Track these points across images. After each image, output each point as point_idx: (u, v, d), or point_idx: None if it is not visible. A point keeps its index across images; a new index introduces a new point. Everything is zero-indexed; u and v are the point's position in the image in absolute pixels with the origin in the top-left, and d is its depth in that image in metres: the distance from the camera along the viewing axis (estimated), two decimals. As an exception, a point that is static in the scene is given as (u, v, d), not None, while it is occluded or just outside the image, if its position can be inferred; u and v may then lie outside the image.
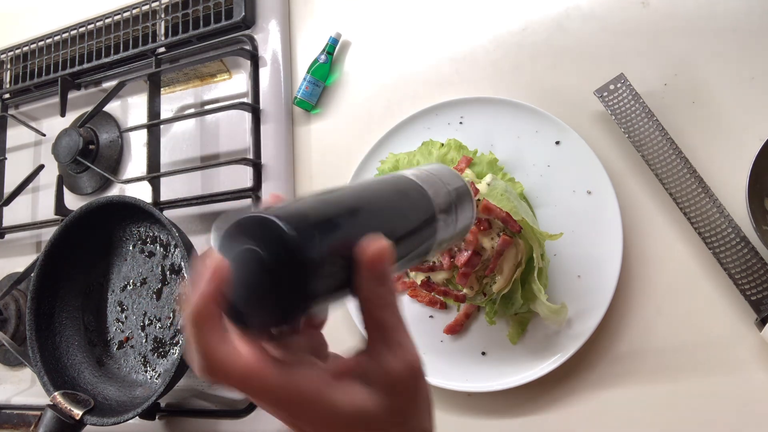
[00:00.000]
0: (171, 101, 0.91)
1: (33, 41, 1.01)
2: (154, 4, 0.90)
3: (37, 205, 1.00)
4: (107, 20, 0.94)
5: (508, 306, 0.60)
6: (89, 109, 0.92)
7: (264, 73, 0.82)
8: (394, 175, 0.39)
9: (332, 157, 0.78)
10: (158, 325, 0.77)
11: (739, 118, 0.60)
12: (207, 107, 0.87)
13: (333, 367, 0.32)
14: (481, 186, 0.58)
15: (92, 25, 0.95)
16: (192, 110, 0.89)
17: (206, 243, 0.76)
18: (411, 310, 0.68)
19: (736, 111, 0.60)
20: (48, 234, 0.95)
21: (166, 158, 0.88)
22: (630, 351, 0.60)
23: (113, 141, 0.93)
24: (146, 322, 0.78)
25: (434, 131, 0.70)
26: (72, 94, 0.96)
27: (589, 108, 0.66)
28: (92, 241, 0.81)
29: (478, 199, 0.57)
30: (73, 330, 0.80)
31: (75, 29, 0.97)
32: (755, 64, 0.60)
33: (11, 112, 1.03)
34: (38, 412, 0.85)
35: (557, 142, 0.65)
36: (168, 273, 0.78)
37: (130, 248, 0.81)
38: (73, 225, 0.77)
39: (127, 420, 0.68)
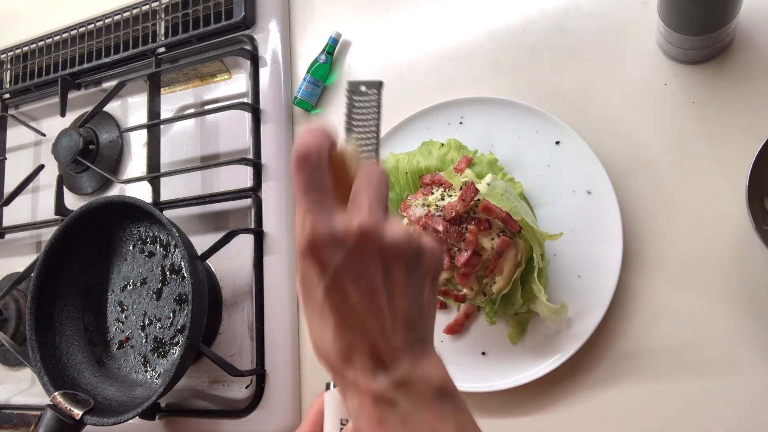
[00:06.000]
0: (171, 101, 0.91)
1: (33, 41, 1.01)
2: (154, 4, 0.90)
3: (37, 205, 1.00)
4: (107, 20, 0.94)
5: (508, 306, 0.60)
6: (89, 109, 0.92)
7: (264, 73, 0.82)
8: None
9: (332, 157, 0.78)
10: (158, 325, 0.77)
11: (740, 117, 0.60)
12: (207, 107, 0.87)
13: None
14: (481, 186, 0.58)
15: (92, 25, 0.95)
16: (192, 110, 0.89)
17: (205, 243, 0.76)
18: (411, 310, 0.68)
19: (736, 111, 0.60)
20: (48, 234, 0.95)
21: (166, 158, 0.88)
22: (630, 351, 0.60)
23: (113, 141, 0.93)
24: (146, 322, 0.78)
25: (434, 131, 0.70)
26: (72, 94, 0.96)
27: (589, 108, 0.66)
28: (92, 241, 0.81)
29: (478, 199, 0.57)
30: (73, 330, 0.80)
31: (75, 29, 0.97)
32: (756, 65, 0.60)
33: (11, 112, 1.04)
34: (38, 412, 0.85)
35: (557, 142, 0.65)
36: (168, 273, 0.78)
37: (130, 248, 0.81)
38: (73, 225, 0.77)
39: (127, 420, 0.68)
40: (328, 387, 0.37)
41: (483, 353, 0.64)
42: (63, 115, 0.94)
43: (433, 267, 0.34)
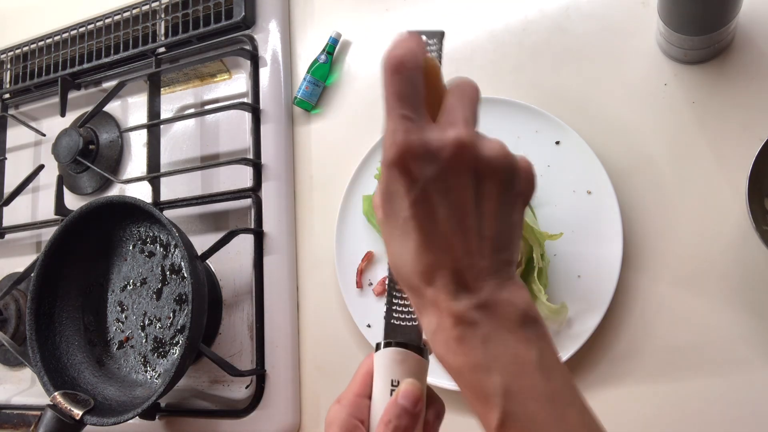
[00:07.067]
0: (171, 101, 0.91)
1: (33, 41, 1.01)
2: (154, 4, 0.90)
3: (37, 205, 1.00)
4: (107, 20, 0.94)
5: (508, 306, 0.60)
6: (89, 109, 0.92)
7: (264, 73, 0.82)
8: None
9: (332, 157, 0.78)
10: (158, 325, 0.77)
11: (740, 117, 0.60)
12: (207, 107, 0.87)
13: None
14: (481, 186, 0.58)
15: (92, 25, 0.95)
16: (192, 110, 0.89)
17: (205, 243, 0.76)
18: (411, 310, 0.68)
19: (736, 111, 0.60)
20: (48, 234, 0.95)
21: (166, 158, 0.88)
22: (630, 351, 0.60)
23: (113, 141, 0.94)
24: (146, 322, 0.78)
25: (434, 131, 0.70)
26: (72, 94, 0.96)
27: (589, 108, 0.66)
28: (92, 241, 0.81)
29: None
30: (73, 330, 0.80)
31: (75, 29, 0.97)
32: (756, 65, 0.60)
33: (11, 112, 1.04)
34: (38, 412, 0.85)
35: (557, 142, 0.65)
36: (168, 273, 0.78)
37: (130, 248, 0.81)
38: (73, 225, 0.77)
39: (127, 420, 0.68)
40: (377, 348, 0.36)
41: (483, 353, 0.64)
42: (63, 115, 0.94)
43: (526, 188, 0.32)
